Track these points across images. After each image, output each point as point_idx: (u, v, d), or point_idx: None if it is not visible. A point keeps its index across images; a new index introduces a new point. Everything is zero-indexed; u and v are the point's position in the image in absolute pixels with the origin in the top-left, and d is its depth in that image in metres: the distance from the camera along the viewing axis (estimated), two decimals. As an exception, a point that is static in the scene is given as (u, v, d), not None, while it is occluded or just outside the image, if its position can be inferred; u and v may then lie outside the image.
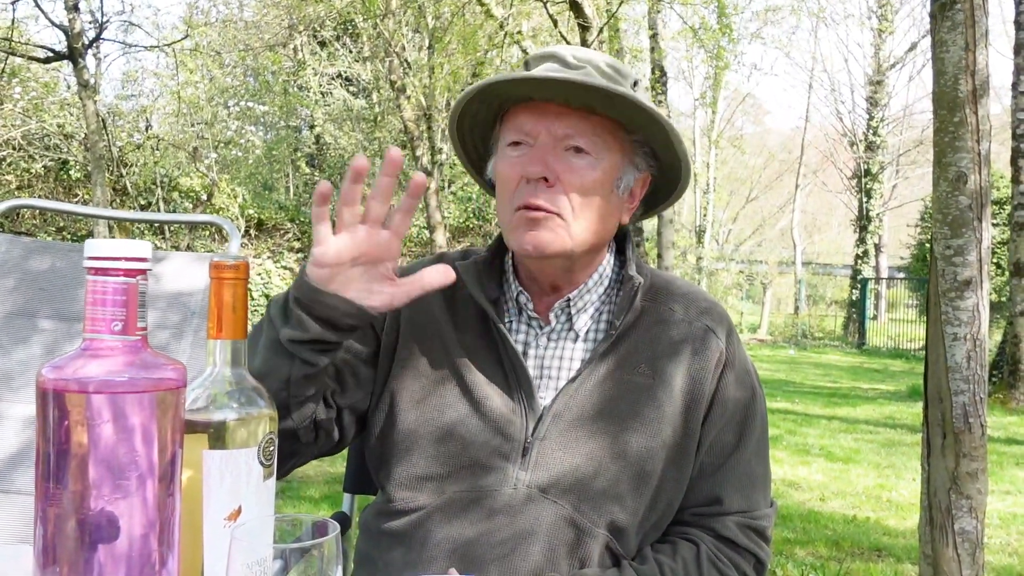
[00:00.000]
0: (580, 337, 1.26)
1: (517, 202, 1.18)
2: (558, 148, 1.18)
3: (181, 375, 0.73)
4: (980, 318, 2.69)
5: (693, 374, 1.24)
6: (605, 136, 1.20)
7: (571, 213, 1.18)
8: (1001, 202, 17.05)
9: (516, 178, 1.19)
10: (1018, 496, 5.59)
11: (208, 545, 0.77)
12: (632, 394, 1.21)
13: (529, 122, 1.19)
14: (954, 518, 2.70)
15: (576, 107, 1.18)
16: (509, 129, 1.22)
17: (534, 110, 1.19)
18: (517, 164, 1.19)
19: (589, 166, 1.18)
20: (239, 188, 16.83)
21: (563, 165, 1.17)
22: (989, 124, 2.69)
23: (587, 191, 1.18)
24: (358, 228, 1.03)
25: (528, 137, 1.19)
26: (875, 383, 12.92)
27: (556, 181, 1.17)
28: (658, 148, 1.25)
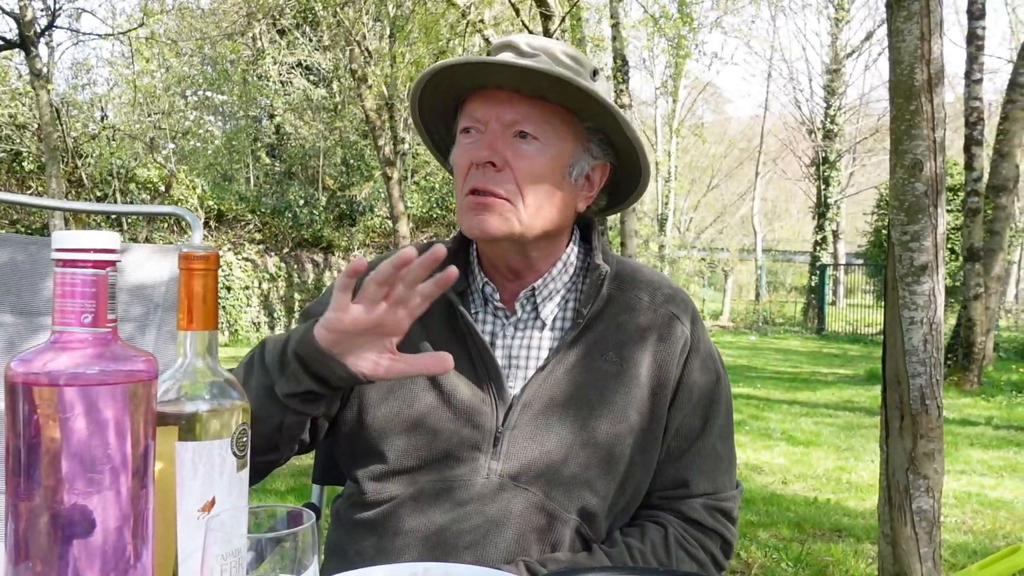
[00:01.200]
0: (547, 326, 1.28)
1: (467, 187, 1.20)
2: (507, 134, 1.19)
3: (153, 367, 0.72)
4: (936, 302, 2.75)
5: (659, 360, 1.25)
6: (556, 123, 1.21)
7: (519, 198, 1.19)
8: (955, 189, 17.39)
9: (467, 164, 1.21)
10: (972, 476, 5.73)
11: (182, 537, 0.77)
12: (600, 381, 1.23)
13: (480, 109, 1.21)
14: (912, 498, 2.76)
15: (527, 94, 1.19)
16: (462, 117, 1.24)
17: (485, 98, 1.21)
18: (468, 150, 1.21)
19: (537, 152, 1.20)
20: (198, 179, 16.60)
21: (511, 150, 1.19)
22: (944, 112, 2.74)
23: (535, 176, 1.20)
24: (379, 304, 1.02)
25: (479, 124, 1.21)
26: (834, 368, 13.15)
27: (504, 166, 1.19)
28: (613, 136, 1.26)
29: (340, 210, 17.98)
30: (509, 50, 1.24)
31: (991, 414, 8.35)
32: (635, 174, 1.31)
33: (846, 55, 25.75)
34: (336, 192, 18.54)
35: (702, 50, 20.82)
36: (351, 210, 18.02)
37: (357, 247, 17.37)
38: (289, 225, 16.64)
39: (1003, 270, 11.55)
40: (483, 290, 1.29)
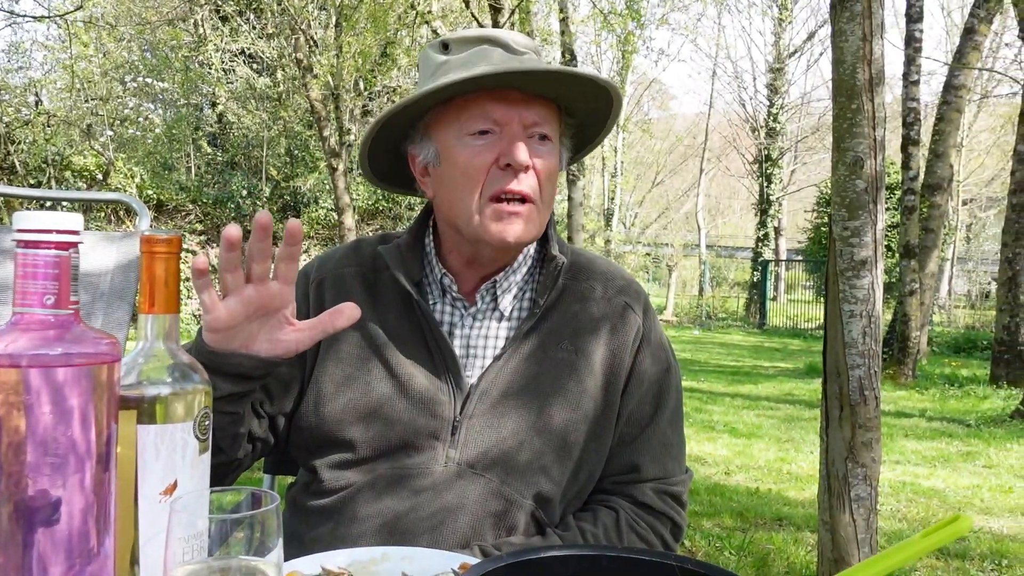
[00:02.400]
0: (504, 316, 1.29)
1: (492, 190, 1.19)
2: (525, 135, 1.20)
3: (116, 350, 0.72)
4: (875, 296, 2.83)
5: (613, 349, 1.28)
6: (556, 123, 1.26)
7: (541, 199, 1.22)
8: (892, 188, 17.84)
9: (486, 165, 1.19)
10: (907, 465, 5.92)
11: (143, 520, 0.77)
12: (555, 370, 1.25)
13: (498, 110, 1.19)
14: (850, 485, 2.84)
15: (536, 95, 1.21)
16: (471, 118, 1.20)
17: (500, 98, 1.19)
18: (487, 151, 1.19)
19: (551, 153, 1.23)
20: (137, 168, 16.22)
21: (535, 152, 1.21)
22: (884, 112, 2.83)
23: (552, 177, 1.24)
24: (244, 288, 0.99)
25: (496, 125, 1.20)
26: (775, 361, 13.43)
27: (531, 168, 1.20)
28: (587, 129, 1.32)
29: (284, 201, 17.75)
30: (495, 45, 1.23)
31: (925, 406, 8.62)
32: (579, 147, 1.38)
33: (789, 55, 26.23)
34: (280, 183, 18.29)
35: (649, 46, 21.04)
36: (296, 201, 17.80)
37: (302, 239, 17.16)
38: (232, 216, 16.36)
39: (937, 267, 11.92)
40: (441, 281, 1.29)
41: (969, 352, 14.87)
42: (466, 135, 1.20)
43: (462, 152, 1.21)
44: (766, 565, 3.74)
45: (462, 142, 1.21)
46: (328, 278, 1.31)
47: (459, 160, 1.21)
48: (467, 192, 1.21)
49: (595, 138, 1.37)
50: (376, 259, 1.32)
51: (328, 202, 17.17)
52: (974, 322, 20.35)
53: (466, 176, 1.20)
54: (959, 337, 16.30)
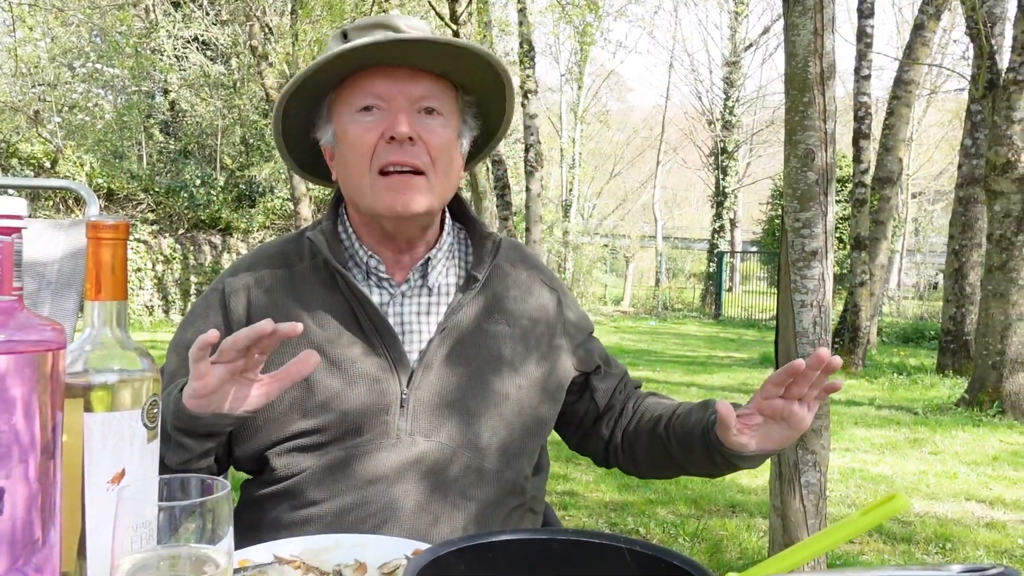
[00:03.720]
0: (434, 292, 1.32)
1: (380, 162, 1.21)
2: (413, 109, 1.22)
3: (61, 337, 0.71)
4: (825, 286, 2.89)
5: (540, 317, 1.36)
6: (450, 97, 1.27)
7: (432, 171, 1.23)
8: (843, 180, 18.15)
9: (373, 140, 1.21)
10: (856, 453, 6.05)
11: (90, 509, 0.76)
12: (493, 340, 1.30)
13: (382, 85, 1.21)
14: (800, 472, 2.90)
15: (427, 70, 1.23)
16: (358, 94, 1.22)
17: (386, 75, 1.21)
18: (373, 127, 1.21)
19: (442, 126, 1.24)
20: (86, 155, 15.87)
21: (422, 126, 1.22)
22: (835, 105, 2.88)
23: (443, 150, 1.24)
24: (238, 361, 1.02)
25: (382, 101, 1.22)
26: (730, 351, 13.60)
27: (418, 140, 1.21)
28: (488, 109, 1.34)
29: (239, 191, 17.51)
30: (386, 29, 1.23)
31: (874, 395, 8.80)
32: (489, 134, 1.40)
33: (744, 48, 26.52)
34: (235, 172, 18.05)
35: (607, 38, 21.12)
36: (251, 191, 17.57)
37: (257, 229, 16.94)
38: (185, 205, 16.10)
39: (887, 259, 12.16)
40: (367, 263, 1.30)
41: (917, 342, 15.21)
42: (355, 112, 1.23)
43: (352, 129, 1.23)
44: (719, 551, 3.80)
45: (352, 119, 1.23)
46: (244, 286, 1.30)
47: (349, 137, 1.23)
48: (359, 168, 1.23)
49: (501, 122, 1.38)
50: (286, 256, 1.32)
51: (284, 192, 17.00)
52: (922, 313, 20.82)
53: (356, 152, 1.23)
54: (907, 327, 16.66)
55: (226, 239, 16.63)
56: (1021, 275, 7.33)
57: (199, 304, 1.34)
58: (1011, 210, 7.24)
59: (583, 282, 23.10)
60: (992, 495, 4.98)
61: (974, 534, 4.19)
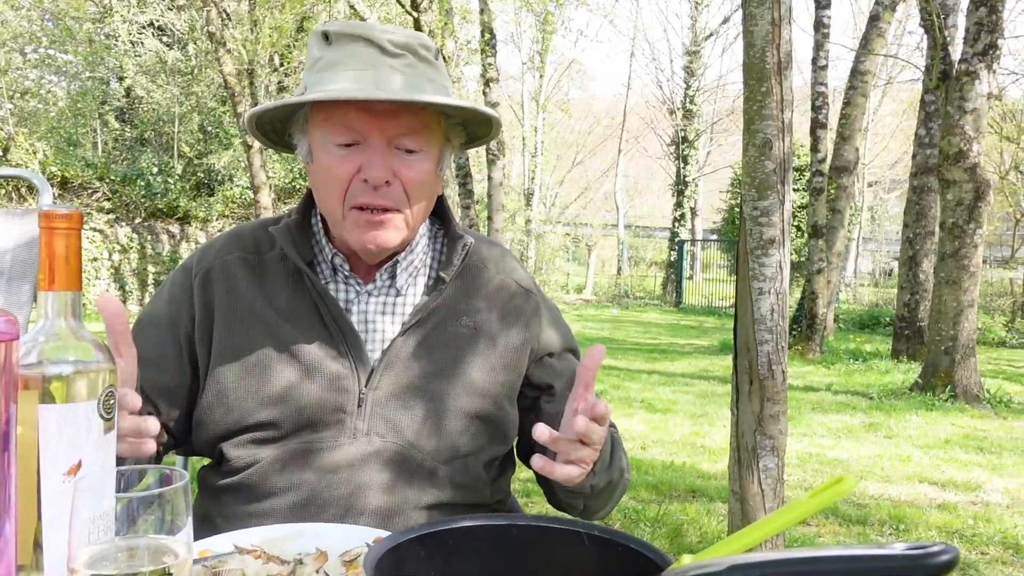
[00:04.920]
0: (402, 293, 1.31)
1: (354, 201, 1.19)
2: (390, 147, 1.19)
3: (13, 327, 0.70)
4: (783, 273, 2.93)
5: (510, 323, 1.34)
6: (432, 127, 1.23)
7: (408, 207, 1.22)
8: (801, 169, 18.39)
9: (348, 176, 1.19)
10: (813, 438, 6.15)
11: (46, 502, 0.75)
12: (457, 344, 1.29)
13: (359, 122, 1.18)
14: (759, 456, 2.95)
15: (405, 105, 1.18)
16: (335, 127, 1.19)
17: (364, 109, 1.18)
18: (347, 162, 1.19)
19: (420, 160, 1.22)
20: (39, 143, 15.52)
21: (399, 164, 1.20)
22: (792, 95, 2.91)
23: (421, 185, 1.23)
24: None
25: (358, 136, 1.19)
26: (691, 339, 13.75)
27: (395, 179, 1.19)
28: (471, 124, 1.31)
29: (197, 179, 17.25)
30: (367, 44, 1.19)
31: (831, 381, 8.96)
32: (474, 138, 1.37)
33: (705, 37, 26.70)
34: (193, 160, 17.78)
35: (568, 27, 21.13)
36: (209, 179, 17.32)
37: (216, 218, 16.71)
38: (142, 194, 15.83)
39: (844, 247, 12.37)
40: (332, 260, 1.30)
41: (873, 328, 15.51)
42: (330, 144, 1.20)
43: (326, 159, 1.21)
44: (680, 535, 3.85)
45: (327, 150, 1.21)
46: (213, 268, 1.30)
47: (324, 165, 1.21)
48: (332, 198, 1.22)
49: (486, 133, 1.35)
50: (258, 242, 1.32)
51: (244, 180, 16.77)
52: (877, 299, 21.21)
53: (329, 183, 1.21)
54: (863, 314, 16.97)
55: (184, 228, 16.39)
56: (972, 263, 7.50)
57: (167, 286, 1.33)
58: (963, 199, 7.39)
59: (545, 270, 23.15)
60: (944, 477, 5.10)
61: (927, 515, 4.30)
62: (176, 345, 1.27)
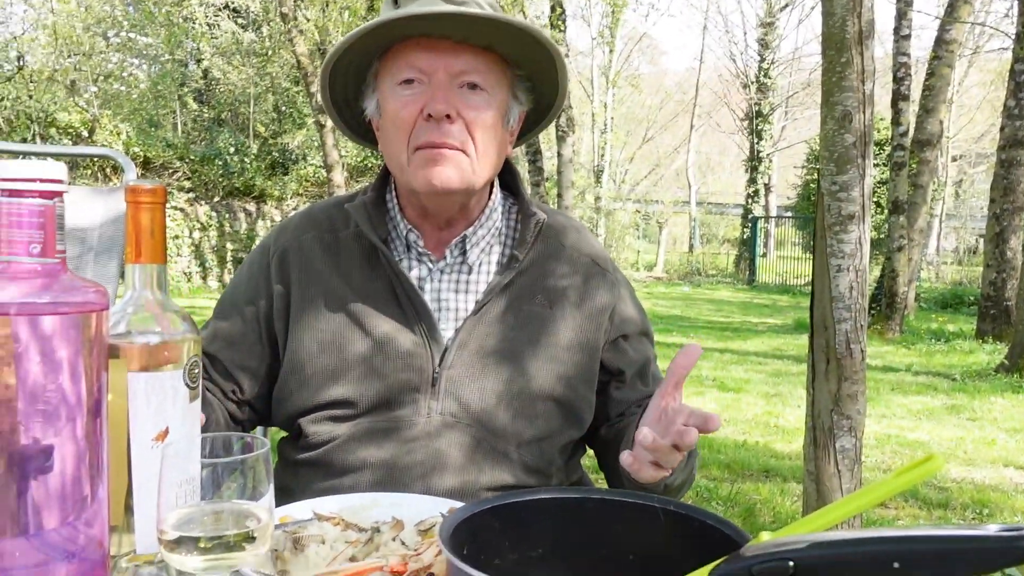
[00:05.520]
0: (474, 270, 1.30)
1: (417, 141, 1.19)
2: (454, 84, 1.18)
3: (104, 298, 0.72)
4: (862, 250, 2.85)
5: (585, 302, 1.31)
6: (496, 72, 1.22)
7: (473, 149, 1.20)
8: (881, 143, 17.81)
9: (412, 116, 1.18)
10: (892, 419, 6.00)
11: (136, 466, 0.78)
12: (531, 323, 1.27)
13: (423, 59, 1.17)
14: (835, 437, 2.89)
15: (472, 44, 1.18)
16: (399, 67, 1.19)
17: (427, 47, 1.17)
18: (412, 102, 1.18)
19: (485, 103, 1.20)
20: (123, 124, 16.02)
21: (463, 102, 1.18)
22: (873, 65, 2.82)
23: (486, 127, 1.21)
24: None
25: (422, 75, 1.18)
26: (764, 317, 13.51)
27: (457, 117, 1.18)
28: (541, 83, 1.28)
29: (272, 158, 17.60)
30: None
31: (911, 361, 8.70)
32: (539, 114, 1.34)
33: (780, 8, 25.99)
34: (268, 140, 18.13)
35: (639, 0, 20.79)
36: (284, 158, 17.65)
37: (290, 196, 17.04)
38: (219, 173, 16.23)
39: (926, 223, 11.96)
40: (407, 237, 1.30)
41: (956, 307, 14.99)
42: (396, 85, 1.20)
43: (392, 103, 1.21)
44: (752, 515, 3.81)
45: (393, 92, 1.20)
46: (290, 247, 1.31)
47: (389, 111, 1.21)
48: (398, 142, 1.21)
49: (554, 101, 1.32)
50: (333, 221, 1.32)
51: (317, 159, 17.04)
52: (961, 278, 20.47)
53: (395, 127, 1.21)
54: (946, 293, 16.41)
55: (260, 206, 16.76)
56: (1064, 239, 7.17)
57: (246, 266, 1.36)
58: (1055, 172, 7.06)
59: (615, 248, 23.00)
60: (1031, 461, 4.93)
61: (1012, 500, 4.16)
62: (256, 324, 1.30)
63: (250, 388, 1.30)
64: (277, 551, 0.89)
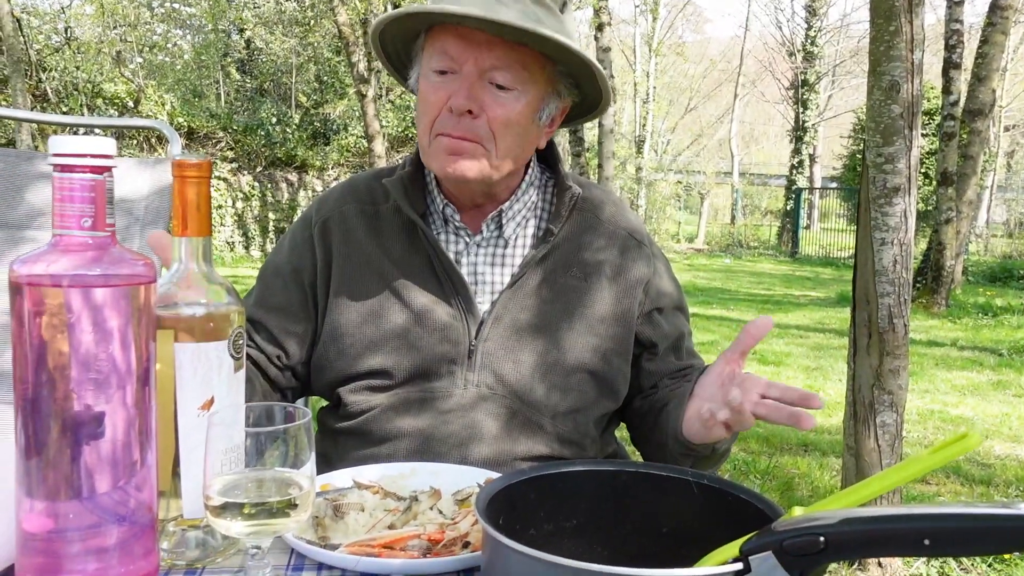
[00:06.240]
0: (510, 244, 1.32)
1: (438, 129, 1.20)
2: (483, 79, 1.18)
3: (152, 271, 0.74)
4: (907, 224, 2.80)
5: (621, 275, 1.32)
6: (532, 68, 1.20)
7: (492, 143, 1.20)
8: (931, 113, 17.39)
9: (439, 105, 1.20)
10: (936, 394, 5.91)
11: (183, 434, 0.80)
12: (566, 296, 1.29)
13: (456, 48, 1.18)
14: (876, 412, 2.86)
15: (506, 39, 1.17)
16: (435, 51, 1.20)
17: (463, 36, 1.17)
18: (441, 91, 1.19)
19: (513, 99, 1.20)
20: (167, 95, 16.22)
21: (488, 97, 1.19)
22: (923, 34, 2.75)
23: (510, 123, 1.20)
24: None
25: (454, 63, 1.19)
26: (806, 290, 13.34)
27: (480, 112, 1.18)
28: (583, 80, 1.27)
29: (314, 128, 17.70)
30: None
31: (957, 336, 8.55)
32: (591, 101, 1.33)
33: (829, -26, 25.36)
34: (310, 110, 18.22)
35: (684, -33, 20.39)
36: (325, 128, 17.74)
37: (332, 166, 17.14)
38: (262, 143, 16.38)
39: (975, 195, 11.67)
40: (443, 211, 1.31)
41: (1005, 281, 14.66)
42: (429, 70, 1.21)
43: (424, 85, 1.23)
44: (790, 489, 3.79)
45: (426, 76, 1.22)
46: (332, 218, 1.33)
47: (421, 92, 1.24)
48: (423, 125, 1.23)
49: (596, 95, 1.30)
50: (373, 193, 1.34)
51: (358, 129, 17.09)
52: (1011, 251, 20.01)
53: (423, 110, 1.23)
54: (995, 266, 16.05)
55: (302, 176, 16.90)
56: (1121, 212, 6.96)
57: (288, 236, 1.38)
58: (1113, 143, 6.84)
59: (656, 219, 22.80)
60: (1078, 439, 4.84)
61: (1057, 478, 4.09)
62: (301, 292, 1.32)
63: (296, 353, 1.32)
64: (318, 518, 0.92)
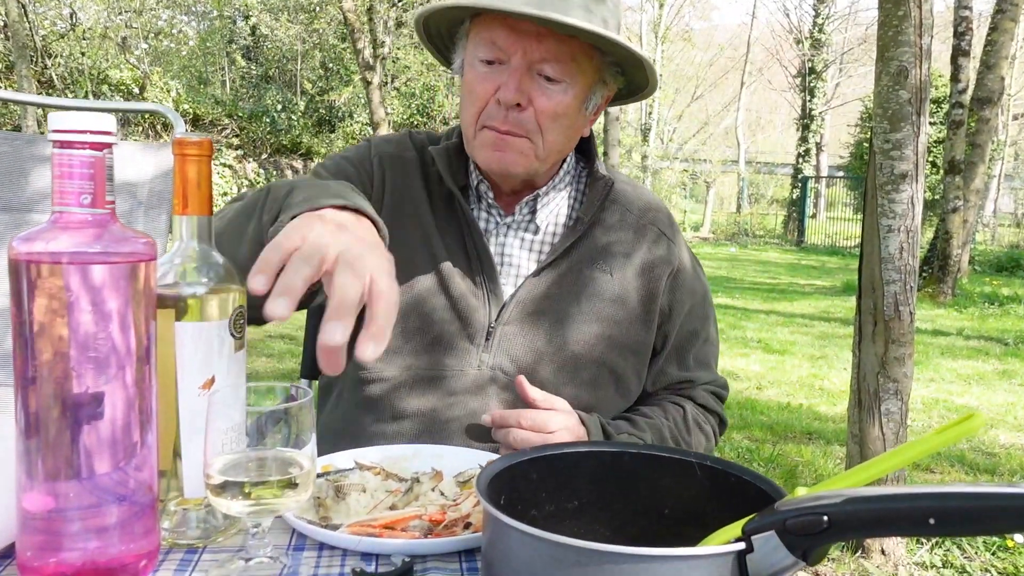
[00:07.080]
0: (541, 230, 1.31)
1: (484, 121, 1.19)
2: (531, 71, 1.16)
3: (152, 249, 0.74)
4: (914, 211, 2.78)
5: (646, 271, 1.31)
6: (580, 60, 1.18)
7: (539, 136, 1.19)
8: (939, 101, 17.31)
9: (486, 96, 1.18)
10: (941, 383, 5.90)
11: (183, 413, 0.80)
12: (590, 287, 1.28)
13: (506, 40, 1.16)
14: (881, 400, 2.85)
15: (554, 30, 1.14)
16: (483, 41, 1.18)
17: (512, 27, 1.15)
18: (488, 81, 1.17)
19: (561, 92, 1.18)
20: (172, 81, 16.21)
21: (537, 90, 1.17)
22: (932, 19, 2.73)
23: (557, 116, 1.19)
24: None
25: (502, 54, 1.17)
26: (812, 279, 13.32)
27: (528, 105, 1.17)
28: (631, 68, 1.25)
29: (319, 115, 17.69)
30: None
31: (963, 325, 8.53)
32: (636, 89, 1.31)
33: (837, -39, 25.21)
34: (315, 97, 18.20)
35: (691, -46, 20.28)
36: (330, 116, 17.73)
37: (337, 154, 17.15)
38: (267, 130, 16.38)
39: (983, 184, 11.62)
40: (478, 188, 1.30)
41: (1012, 271, 14.63)
42: (476, 59, 1.19)
43: (470, 74, 1.21)
44: (794, 476, 3.79)
45: (472, 65, 1.20)
46: (393, 154, 1.31)
47: (467, 80, 1.21)
48: (469, 115, 1.21)
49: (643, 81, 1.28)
50: (425, 153, 1.32)
51: (363, 116, 17.08)
52: (1018, 241, 19.94)
53: (469, 100, 1.21)
54: (1002, 256, 16.02)
55: (307, 164, 16.91)
56: None
57: (346, 154, 1.34)
58: (1122, 131, 6.80)
59: (662, 208, 22.76)
60: (1084, 428, 4.83)
61: (1062, 467, 4.09)
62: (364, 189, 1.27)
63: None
64: (319, 498, 0.91)
